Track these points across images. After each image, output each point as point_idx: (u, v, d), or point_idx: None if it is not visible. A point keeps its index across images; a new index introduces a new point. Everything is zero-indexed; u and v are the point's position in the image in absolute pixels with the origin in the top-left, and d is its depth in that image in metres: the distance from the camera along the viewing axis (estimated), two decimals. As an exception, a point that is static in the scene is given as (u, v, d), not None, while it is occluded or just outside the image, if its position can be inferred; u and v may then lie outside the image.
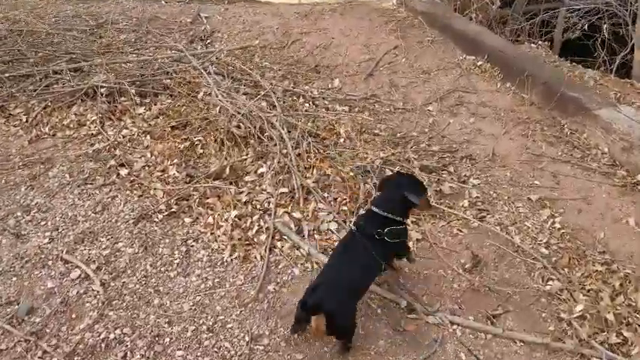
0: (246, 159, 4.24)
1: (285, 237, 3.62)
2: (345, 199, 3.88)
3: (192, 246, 3.59)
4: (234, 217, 3.71)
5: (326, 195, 3.94)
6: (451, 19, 6.80)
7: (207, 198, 3.91)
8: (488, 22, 7.62)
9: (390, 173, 3.92)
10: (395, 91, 5.58)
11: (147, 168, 4.26)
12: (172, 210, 3.84)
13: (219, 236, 3.62)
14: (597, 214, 3.90)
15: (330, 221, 3.72)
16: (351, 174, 4.04)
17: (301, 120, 4.73)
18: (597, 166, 4.38)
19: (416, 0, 7.33)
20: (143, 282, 3.33)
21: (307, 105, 5.14)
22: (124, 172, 4.21)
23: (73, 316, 3.13)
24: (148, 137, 4.57)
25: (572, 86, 5.14)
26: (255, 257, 3.50)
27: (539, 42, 6.79)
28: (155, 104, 5.04)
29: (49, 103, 5.05)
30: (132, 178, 4.15)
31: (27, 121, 4.85)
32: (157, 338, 3.02)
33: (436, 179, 4.18)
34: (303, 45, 6.58)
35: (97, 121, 4.82)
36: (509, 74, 5.62)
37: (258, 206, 3.85)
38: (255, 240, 3.60)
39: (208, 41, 6.71)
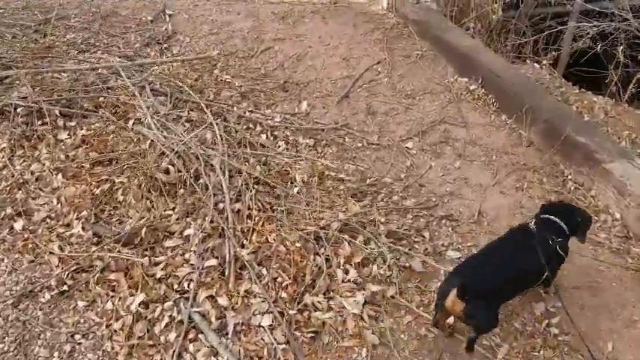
0: (171, 215, 3.42)
1: (202, 336, 2.80)
2: (287, 280, 3.06)
3: (79, 344, 2.76)
4: (140, 303, 2.89)
5: (264, 272, 3.11)
6: (445, 31, 5.89)
7: (112, 271, 3.08)
8: (488, 33, 6.74)
9: None
10: (371, 119, 4.74)
11: (48, 220, 3.43)
12: (65, 287, 3.01)
13: (115, 331, 2.80)
14: (605, 312, 3.07)
15: (263, 313, 2.90)
16: (298, 245, 3.21)
17: (249, 161, 3.90)
18: (606, 237, 3.56)
19: (408, 5, 6.43)
20: (1, 402, 2.54)
21: (264, 136, 4.31)
22: (19, 225, 3.38)
23: None
24: (60, 176, 3.73)
25: (579, 127, 4.25)
26: (158, 367, 2.68)
27: (544, 61, 5.92)
28: (82, 128, 4.20)
29: (-45, 124, 4.22)
30: (26, 235, 3.32)
31: None
32: None
33: (406, 250, 3.36)
34: (274, 54, 5.75)
35: (6, 150, 3.99)
36: (506, 104, 4.78)
37: (176, 286, 3.02)
38: (162, 339, 2.77)
39: (166, 45, 5.85)
